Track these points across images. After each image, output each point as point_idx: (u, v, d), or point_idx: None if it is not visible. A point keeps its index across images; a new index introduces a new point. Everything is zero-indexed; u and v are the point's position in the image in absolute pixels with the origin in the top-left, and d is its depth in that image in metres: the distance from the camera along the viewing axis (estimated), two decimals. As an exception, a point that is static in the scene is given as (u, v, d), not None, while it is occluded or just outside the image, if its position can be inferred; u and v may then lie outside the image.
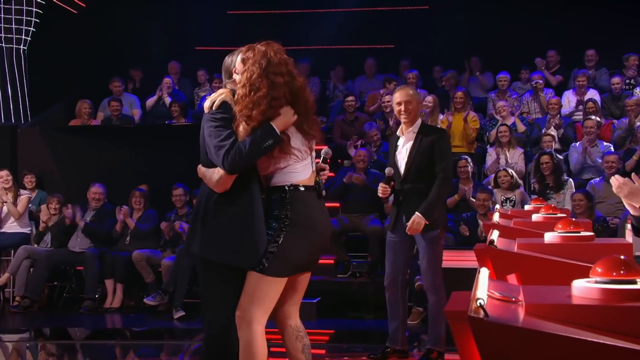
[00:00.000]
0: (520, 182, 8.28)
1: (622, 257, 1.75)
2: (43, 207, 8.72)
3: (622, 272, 1.71)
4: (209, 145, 3.34)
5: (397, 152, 5.39)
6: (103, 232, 8.30)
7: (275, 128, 3.24)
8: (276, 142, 3.25)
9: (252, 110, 3.24)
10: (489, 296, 1.68)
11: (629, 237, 5.19)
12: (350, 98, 9.72)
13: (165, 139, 9.25)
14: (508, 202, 7.89)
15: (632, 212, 2.69)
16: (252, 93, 3.26)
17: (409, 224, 5.18)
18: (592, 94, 9.66)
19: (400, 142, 5.40)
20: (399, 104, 5.30)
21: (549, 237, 2.94)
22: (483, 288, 1.66)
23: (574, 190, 7.87)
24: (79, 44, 10.76)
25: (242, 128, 3.28)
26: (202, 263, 3.42)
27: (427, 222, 5.14)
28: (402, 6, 11.45)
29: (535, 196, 7.57)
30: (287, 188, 3.32)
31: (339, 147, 9.04)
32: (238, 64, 3.44)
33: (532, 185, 8.35)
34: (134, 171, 8.91)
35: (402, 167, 5.33)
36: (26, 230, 8.70)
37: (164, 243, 8.17)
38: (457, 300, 1.79)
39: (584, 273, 2.68)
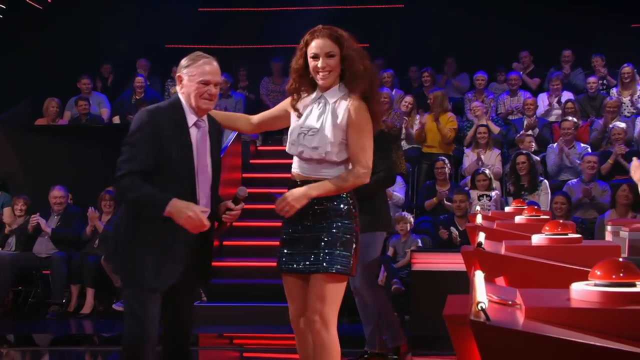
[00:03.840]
0: (496, 183, 8.35)
1: (620, 259, 1.76)
2: (7, 209, 8.56)
3: (621, 274, 1.72)
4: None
5: None
6: (72, 236, 8.20)
7: (166, 209, 3.32)
8: (156, 216, 3.35)
9: None
10: (488, 300, 1.68)
11: (609, 238, 5.27)
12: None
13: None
14: (485, 197, 7.92)
15: None
16: None
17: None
18: (567, 95, 9.77)
19: None
20: None
21: (537, 239, 2.96)
22: (482, 292, 1.66)
23: (549, 191, 7.95)
24: (46, 40, 10.63)
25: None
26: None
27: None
28: (377, 5, 11.48)
29: (511, 198, 7.64)
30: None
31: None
32: None
33: (508, 186, 8.41)
34: (103, 172, 8.79)
35: None
36: (-12, 233, 8.56)
37: (134, 246, 8.07)
38: (454, 303, 1.79)
39: (573, 275, 2.70)
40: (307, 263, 3.47)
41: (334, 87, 3.53)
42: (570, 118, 8.88)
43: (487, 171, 8.15)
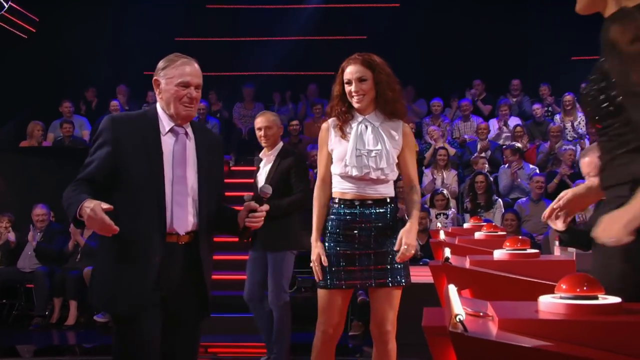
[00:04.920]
0: (452, 201, 8.42)
1: (583, 274, 1.79)
2: (-8, 226, 8.42)
3: (585, 288, 1.74)
4: None
5: (258, 174, 5.34)
6: (54, 251, 8.07)
7: (79, 209, 2.73)
8: (72, 218, 2.78)
9: None
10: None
11: (557, 252, 5.34)
12: (294, 122, 9.76)
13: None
14: (442, 215, 7.99)
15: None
16: None
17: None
18: (515, 121, 9.94)
19: (262, 164, 5.36)
20: (259, 129, 5.23)
21: (498, 254, 2.98)
22: (458, 304, 1.67)
23: (503, 209, 8.04)
24: (29, 66, 10.52)
25: None
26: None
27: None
28: (341, 36, 11.56)
29: (468, 215, 7.72)
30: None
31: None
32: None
33: (465, 204, 8.49)
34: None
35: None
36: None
37: (114, 261, 7.97)
38: (430, 316, 1.79)
39: (534, 288, 2.74)
40: (375, 278, 3.48)
41: (374, 111, 3.57)
42: (516, 144, 9.02)
43: (445, 191, 8.22)
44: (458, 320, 1.58)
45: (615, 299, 1.74)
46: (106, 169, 2.88)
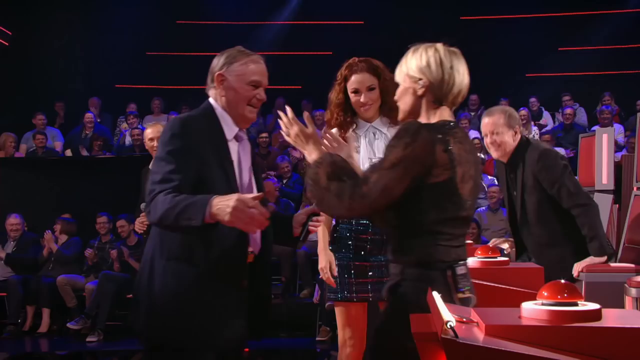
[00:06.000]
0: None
1: (563, 281, 1.81)
2: (-37, 235, 8.22)
3: (565, 295, 1.76)
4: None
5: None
6: (28, 260, 7.91)
7: (207, 210, 2.25)
8: (195, 224, 2.26)
9: None
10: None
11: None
12: (263, 134, 9.75)
13: (88, 171, 8.95)
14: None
15: None
16: None
17: None
18: (474, 134, 10.04)
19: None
20: (151, 140, 4.99)
21: (471, 261, 3.00)
22: (446, 311, 1.67)
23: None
24: (2, 80, 10.33)
25: None
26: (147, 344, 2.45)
27: None
28: (308, 51, 11.59)
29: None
30: None
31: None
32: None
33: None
34: (57, 201, 8.57)
35: None
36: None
37: (87, 268, 7.86)
38: (418, 322, 1.79)
39: (507, 295, 2.76)
40: (381, 290, 3.32)
41: (379, 117, 3.36)
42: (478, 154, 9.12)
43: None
44: (449, 326, 1.58)
45: (595, 306, 1.76)
46: (190, 182, 2.36)
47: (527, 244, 3.89)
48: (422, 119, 2.31)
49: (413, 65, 2.32)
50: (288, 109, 2.41)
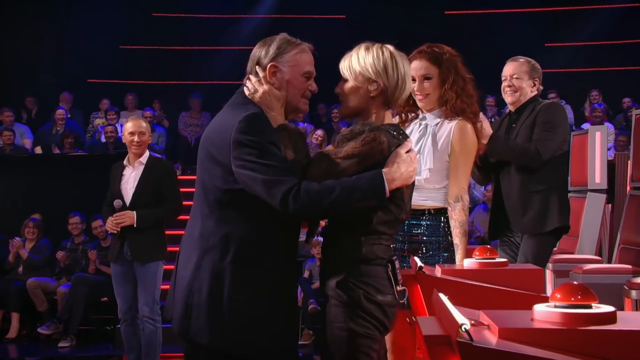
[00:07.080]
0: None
1: (576, 283, 1.80)
2: None
3: (579, 297, 1.75)
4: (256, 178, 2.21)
5: (123, 182, 5.03)
6: (-7, 262, 7.79)
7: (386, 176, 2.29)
8: (380, 199, 2.27)
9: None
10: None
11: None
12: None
13: (59, 169, 8.82)
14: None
15: None
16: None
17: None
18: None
19: (126, 172, 5.05)
20: (131, 134, 4.95)
21: (468, 263, 2.98)
22: (459, 314, 1.65)
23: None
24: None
25: None
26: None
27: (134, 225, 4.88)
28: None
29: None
30: None
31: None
32: None
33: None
34: (27, 200, 8.42)
35: (128, 197, 5.00)
36: None
37: (59, 271, 7.74)
38: (427, 325, 1.77)
39: (505, 296, 2.75)
40: None
41: (437, 109, 3.22)
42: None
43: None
44: (464, 329, 1.56)
45: (610, 308, 1.75)
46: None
47: (507, 192, 3.89)
48: (370, 120, 2.43)
49: (368, 65, 2.42)
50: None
